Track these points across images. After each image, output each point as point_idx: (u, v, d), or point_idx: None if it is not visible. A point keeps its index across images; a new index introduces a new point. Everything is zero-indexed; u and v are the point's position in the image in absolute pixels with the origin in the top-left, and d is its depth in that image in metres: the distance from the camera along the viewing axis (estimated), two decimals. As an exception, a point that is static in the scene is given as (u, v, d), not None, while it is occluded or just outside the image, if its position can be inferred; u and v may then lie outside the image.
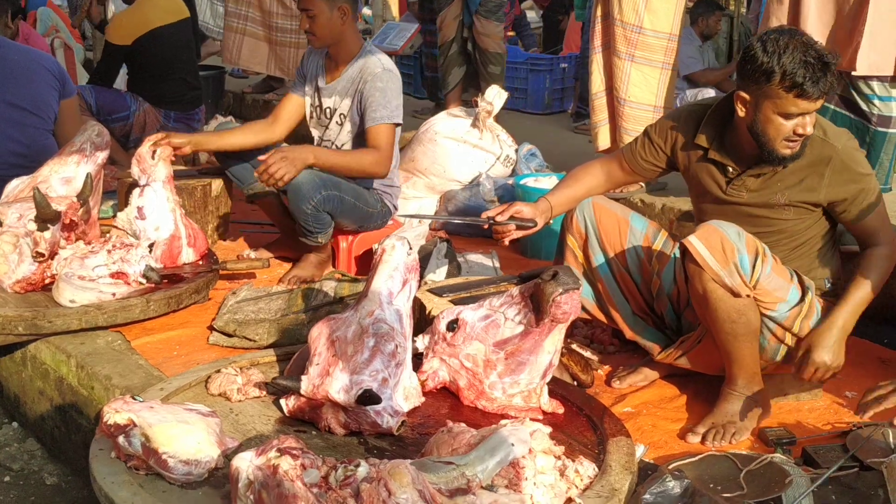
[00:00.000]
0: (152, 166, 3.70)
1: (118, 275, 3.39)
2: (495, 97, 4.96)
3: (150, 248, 3.56)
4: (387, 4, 8.99)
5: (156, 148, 3.72)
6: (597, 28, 4.69)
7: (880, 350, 3.41)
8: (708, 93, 6.28)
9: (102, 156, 3.79)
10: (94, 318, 3.27)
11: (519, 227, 2.91)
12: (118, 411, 2.24)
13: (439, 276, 3.77)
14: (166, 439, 2.17)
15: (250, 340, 3.26)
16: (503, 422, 2.29)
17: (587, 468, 2.24)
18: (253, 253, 4.23)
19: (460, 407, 2.69)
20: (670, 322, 3.05)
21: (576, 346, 3.17)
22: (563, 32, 10.15)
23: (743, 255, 2.57)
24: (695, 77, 6.63)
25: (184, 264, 3.68)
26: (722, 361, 2.76)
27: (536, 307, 2.56)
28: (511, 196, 4.63)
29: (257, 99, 7.24)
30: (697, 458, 2.43)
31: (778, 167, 2.71)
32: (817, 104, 2.58)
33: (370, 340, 2.49)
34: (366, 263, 3.91)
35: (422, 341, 2.75)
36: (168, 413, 2.27)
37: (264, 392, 2.68)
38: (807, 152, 2.69)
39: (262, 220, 4.67)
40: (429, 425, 2.56)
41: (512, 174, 5.00)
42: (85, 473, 2.36)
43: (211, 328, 3.40)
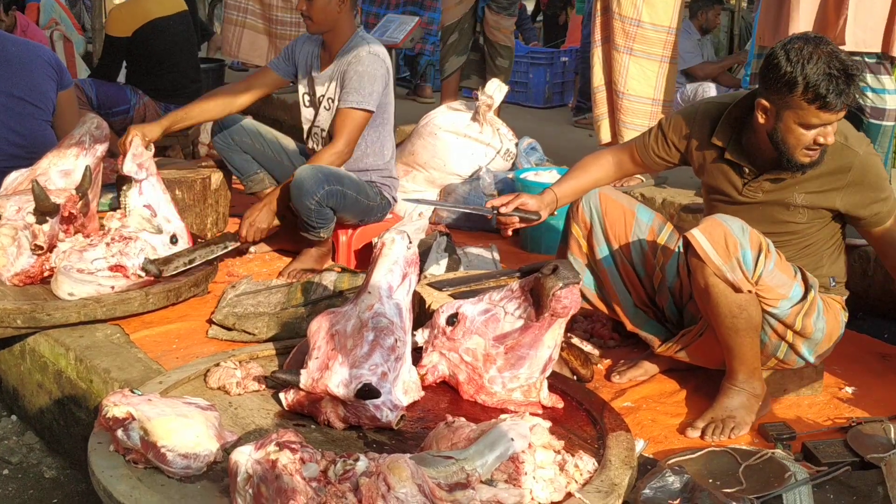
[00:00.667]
0: (148, 158, 3.72)
1: (117, 268, 3.39)
2: (495, 91, 4.95)
3: (174, 240, 3.63)
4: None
5: (146, 143, 3.74)
6: (597, 22, 4.69)
7: (881, 345, 3.40)
8: (708, 87, 6.27)
9: (101, 148, 3.79)
10: (93, 311, 3.26)
11: (522, 220, 2.90)
12: (117, 405, 2.23)
13: (439, 270, 3.76)
14: (165, 433, 2.17)
15: (249, 334, 3.25)
16: (503, 416, 2.29)
17: (587, 463, 2.24)
18: (253, 246, 4.22)
19: (460, 401, 2.68)
20: (671, 316, 3.04)
21: (576, 341, 3.16)
22: (564, 27, 10.14)
23: (746, 251, 2.56)
24: (692, 71, 6.61)
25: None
26: (722, 356, 2.75)
27: (536, 301, 2.56)
28: (511, 190, 4.62)
29: (256, 92, 7.22)
30: (697, 454, 2.43)
31: (797, 174, 2.69)
32: (839, 115, 2.54)
33: (369, 334, 2.49)
34: (365, 257, 3.91)
35: (421, 335, 2.75)
36: (167, 407, 2.26)
37: (263, 386, 2.68)
38: (827, 158, 2.66)
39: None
40: (428, 419, 2.55)
41: (512, 168, 4.99)
42: (84, 467, 2.36)
43: (210, 322, 3.39)
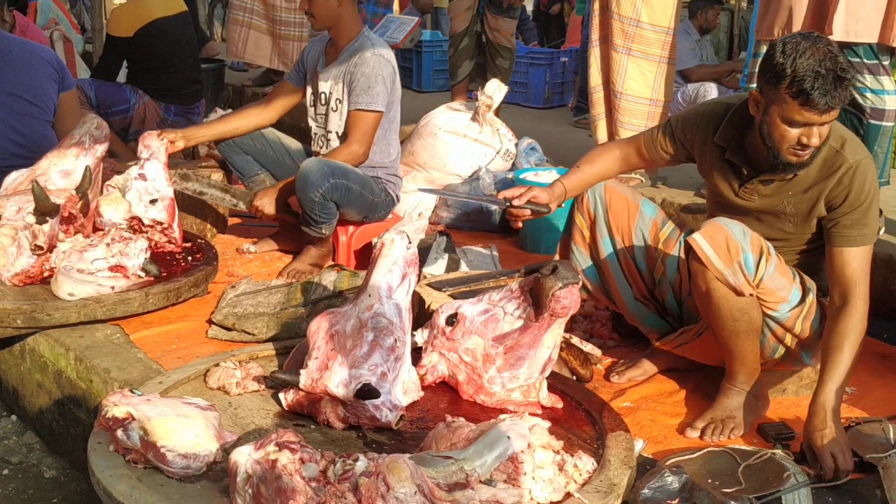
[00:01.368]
0: (158, 148, 3.81)
1: (117, 268, 3.39)
2: (495, 91, 4.96)
3: (154, 202, 3.68)
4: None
5: (162, 136, 3.87)
6: (595, 21, 4.70)
7: (880, 345, 3.41)
8: (710, 87, 6.26)
9: (101, 149, 3.79)
10: (93, 312, 3.26)
11: (534, 212, 2.90)
12: (117, 405, 2.23)
13: (439, 271, 3.76)
14: (164, 433, 2.17)
15: (249, 334, 3.25)
16: (502, 416, 2.29)
17: (586, 463, 2.24)
18: (253, 247, 4.23)
19: (459, 401, 2.68)
20: (671, 309, 3.04)
21: (575, 341, 3.16)
22: (559, 20, 10.11)
23: (747, 254, 2.55)
24: (688, 73, 6.58)
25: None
26: (721, 354, 2.75)
27: (536, 302, 2.56)
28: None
29: (257, 92, 7.24)
30: (696, 454, 2.44)
31: (788, 175, 2.65)
32: (823, 118, 2.47)
33: (369, 334, 2.49)
34: (365, 257, 3.91)
35: (421, 335, 2.75)
36: (166, 407, 2.26)
37: (263, 386, 2.68)
38: (819, 164, 2.62)
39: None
40: (427, 419, 2.55)
41: (512, 168, 5.00)
42: (83, 467, 2.36)
43: (210, 322, 3.40)
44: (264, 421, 2.53)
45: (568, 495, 2.14)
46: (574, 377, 2.96)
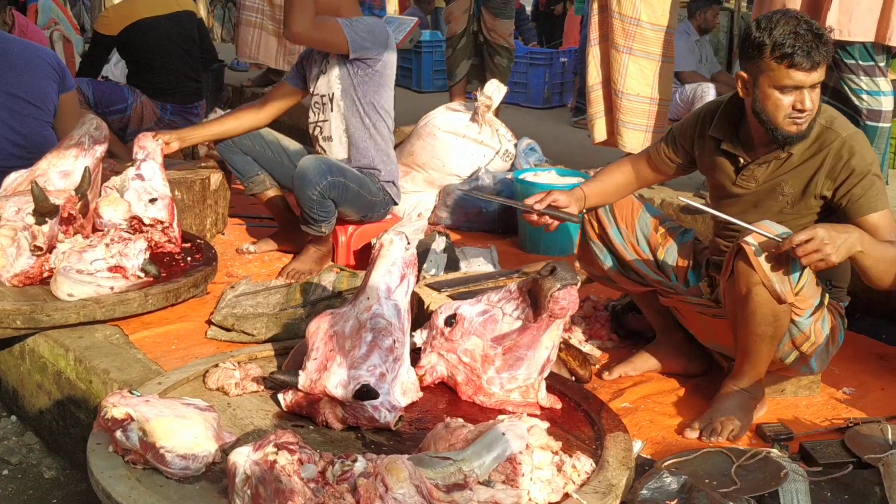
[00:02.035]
0: (154, 148, 3.83)
1: (116, 269, 3.39)
2: (494, 91, 4.96)
3: (154, 201, 3.69)
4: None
5: (157, 137, 3.90)
6: (593, 20, 4.69)
7: (879, 346, 3.41)
8: (707, 87, 6.26)
9: (101, 149, 3.80)
10: (93, 312, 3.27)
11: (557, 218, 2.86)
12: (116, 405, 2.24)
13: (438, 271, 3.77)
14: (164, 434, 2.17)
15: (248, 335, 3.26)
16: (500, 417, 2.30)
17: (584, 464, 2.24)
18: (252, 247, 4.24)
19: (458, 402, 2.68)
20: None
21: (574, 342, 3.17)
22: (561, 20, 10.11)
23: (795, 262, 2.51)
24: (682, 76, 6.52)
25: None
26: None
27: (534, 302, 2.56)
28: (510, 191, 4.63)
29: (257, 92, 7.23)
30: (694, 454, 2.44)
31: (783, 154, 2.69)
32: (811, 76, 2.54)
33: (368, 335, 2.50)
34: (365, 258, 3.92)
35: (420, 336, 2.75)
36: (165, 407, 2.27)
37: (262, 387, 2.68)
38: (812, 140, 2.66)
39: (262, 214, 4.67)
40: (426, 420, 2.56)
41: (511, 169, 4.99)
42: (83, 467, 2.37)
43: (209, 322, 3.40)
44: (263, 422, 2.53)
45: (566, 496, 2.14)
46: (573, 378, 2.97)
